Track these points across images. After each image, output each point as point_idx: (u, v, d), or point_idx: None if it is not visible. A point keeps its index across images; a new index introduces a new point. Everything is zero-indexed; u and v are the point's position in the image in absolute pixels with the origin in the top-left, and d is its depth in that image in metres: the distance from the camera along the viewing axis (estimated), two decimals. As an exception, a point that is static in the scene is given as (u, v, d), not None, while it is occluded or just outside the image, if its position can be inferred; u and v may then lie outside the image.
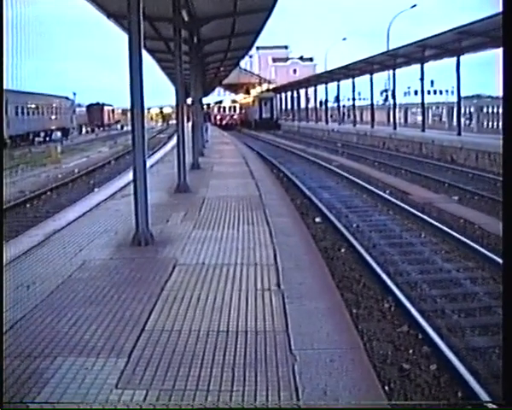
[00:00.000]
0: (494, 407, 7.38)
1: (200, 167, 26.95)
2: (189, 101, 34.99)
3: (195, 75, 33.50)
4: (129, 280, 9.71)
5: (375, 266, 12.89)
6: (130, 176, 15.24)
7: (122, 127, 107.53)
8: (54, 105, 74.94)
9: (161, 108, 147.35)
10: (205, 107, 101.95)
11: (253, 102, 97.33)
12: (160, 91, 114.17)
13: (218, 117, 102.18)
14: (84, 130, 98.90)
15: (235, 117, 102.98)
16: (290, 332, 7.30)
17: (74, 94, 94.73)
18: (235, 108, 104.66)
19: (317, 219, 18.49)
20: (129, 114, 13.30)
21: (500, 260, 12.77)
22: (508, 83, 5.14)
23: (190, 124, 30.33)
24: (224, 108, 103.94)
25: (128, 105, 12.57)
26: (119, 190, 20.73)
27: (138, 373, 6.29)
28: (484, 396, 7.39)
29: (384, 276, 12.15)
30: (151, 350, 6.87)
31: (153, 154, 39.88)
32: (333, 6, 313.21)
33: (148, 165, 13.00)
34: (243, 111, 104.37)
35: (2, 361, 6.02)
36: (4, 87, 7.64)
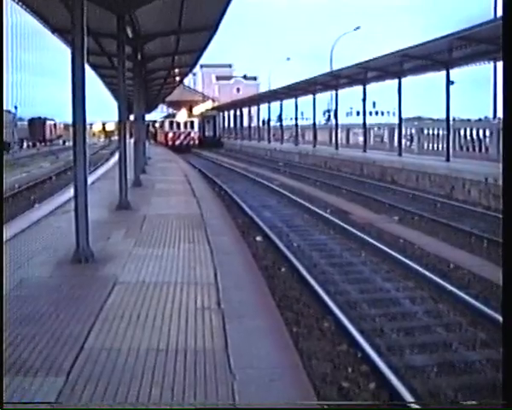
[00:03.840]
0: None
1: (142, 185, 26.80)
2: (132, 117, 34.83)
3: (139, 91, 33.44)
4: (68, 298, 9.62)
5: (315, 285, 12.95)
6: (71, 192, 15.11)
7: (64, 142, 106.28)
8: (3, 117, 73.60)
9: (104, 124, 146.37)
10: (150, 123, 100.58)
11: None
12: (103, 107, 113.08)
13: (170, 135, 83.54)
14: (25, 144, 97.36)
15: (192, 135, 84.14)
16: (230, 351, 7.31)
17: (16, 107, 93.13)
18: (192, 123, 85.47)
19: (258, 238, 18.51)
20: (71, 130, 13.18)
21: (439, 280, 13.08)
22: (507, 102, 5.11)
23: (133, 140, 30.15)
24: (179, 124, 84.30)
25: (70, 120, 12.46)
26: (60, 206, 20.50)
27: (77, 392, 6.23)
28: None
29: (324, 295, 12.22)
30: (90, 369, 6.81)
31: (95, 170, 39.54)
32: (277, 26, 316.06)
33: (89, 181, 12.95)
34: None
35: (2, 361, 5.94)
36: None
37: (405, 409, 7.77)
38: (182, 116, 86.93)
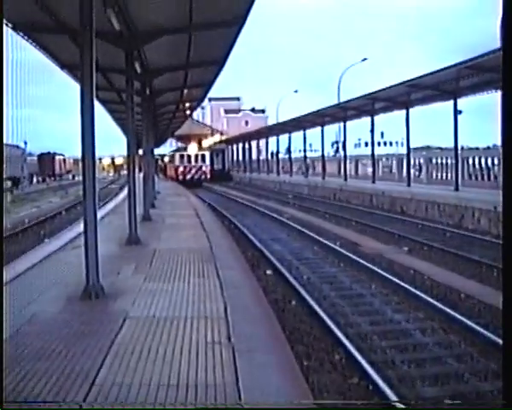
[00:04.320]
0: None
1: (152, 219, 26.79)
2: (141, 152, 34.99)
3: (147, 126, 33.58)
4: (78, 334, 9.61)
5: (325, 317, 12.94)
6: (81, 227, 15.16)
7: (73, 177, 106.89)
8: (3, 153, 73.79)
9: (113, 159, 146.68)
10: (159, 158, 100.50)
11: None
12: (112, 141, 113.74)
13: (181, 169, 78.70)
14: (34, 179, 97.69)
15: (203, 169, 79.50)
16: (240, 385, 7.28)
17: (25, 143, 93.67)
18: (203, 156, 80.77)
19: (268, 272, 18.48)
20: (80, 164, 13.23)
21: (449, 311, 13.04)
22: (507, 134, 5.06)
23: (142, 175, 30.25)
24: (190, 157, 79.41)
25: (79, 154, 12.49)
26: (70, 241, 20.52)
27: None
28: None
29: (334, 328, 12.20)
30: (101, 403, 6.80)
31: (104, 204, 39.63)
32: (284, 58, 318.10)
33: (99, 216, 12.96)
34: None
35: (2, 362, 5.95)
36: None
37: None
38: (193, 149, 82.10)
